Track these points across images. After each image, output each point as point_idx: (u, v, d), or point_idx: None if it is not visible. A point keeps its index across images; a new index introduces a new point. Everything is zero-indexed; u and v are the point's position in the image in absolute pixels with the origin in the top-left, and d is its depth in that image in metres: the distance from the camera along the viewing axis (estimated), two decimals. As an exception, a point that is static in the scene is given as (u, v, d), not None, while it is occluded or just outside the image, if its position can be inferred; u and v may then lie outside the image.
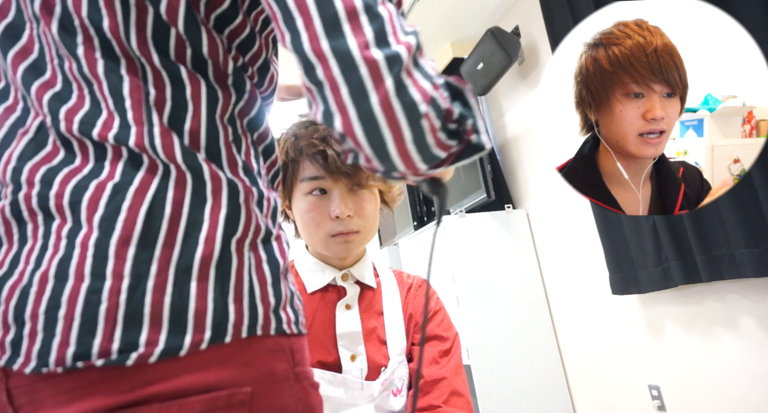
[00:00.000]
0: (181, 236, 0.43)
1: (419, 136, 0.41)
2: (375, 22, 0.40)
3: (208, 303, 0.42)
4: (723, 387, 1.85)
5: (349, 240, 0.84)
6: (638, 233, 2.05)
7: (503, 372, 2.49)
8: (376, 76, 0.39)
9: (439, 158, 0.43)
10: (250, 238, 0.46)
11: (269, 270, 0.47)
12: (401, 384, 0.88)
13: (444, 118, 0.42)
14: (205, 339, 0.42)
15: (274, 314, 0.46)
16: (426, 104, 0.40)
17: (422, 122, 0.40)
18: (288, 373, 0.46)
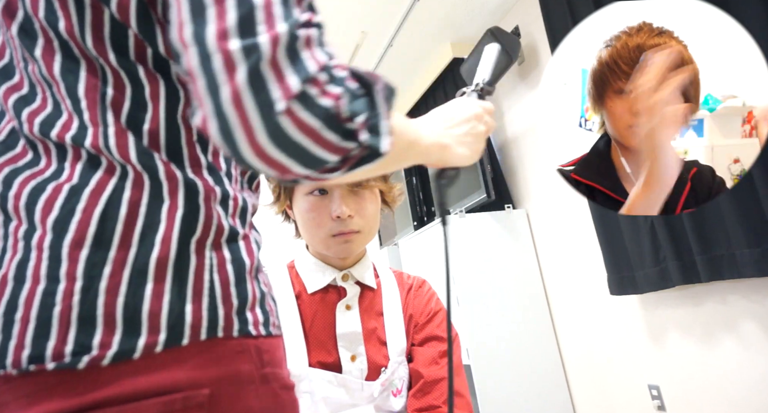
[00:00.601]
0: (137, 237, 0.42)
1: (280, 136, 0.36)
2: (242, 6, 0.37)
3: (163, 305, 0.42)
4: (723, 387, 1.85)
5: (350, 240, 0.84)
6: (636, 233, 2.05)
7: (503, 372, 2.49)
8: (229, 68, 0.36)
9: (327, 161, 0.39)
10: (212, 238, 0.45)
11: (233, 270, 0.46)
12: (401, 385, 0.88)
13: (330, 116, 0.37)
14: (160, 342, 0.41)
15: (237, 315, 0.46)
16: (286, 100, 0.36)
17: (280, 120, 0.36)
18: (253, 375, 0.45)
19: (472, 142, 0.60)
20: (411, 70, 3.44)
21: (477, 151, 0.61)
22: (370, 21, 2.82)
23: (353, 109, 0.38)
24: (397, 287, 0.96)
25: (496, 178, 2.81)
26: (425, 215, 3.48)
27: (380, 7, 2.70)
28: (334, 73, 0.38)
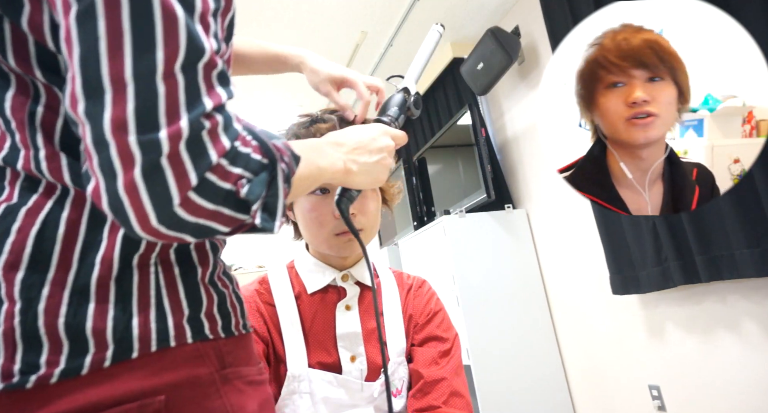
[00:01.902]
0: (77, 257, 0.42)
1: (175, 223, 0.38)
2: (143, 96, 0.35)
3: (107, 322, 0.42)
4: (723, 387, 1.85)
5: (353, 238, 0.84)
6: (638, 233, 2.05)
7: (503, 372, 2.49)
8: (125, 160, 0.35)
9: (220, 232, 0.41)
10: (157, 252, 0.45)
11: (182, 280, 0.47)
12: (401, 385, 0.88)
13: (228, 196, 0.39)
14: (108, 357, 0.42)
15: (190, 322, 0.46)
16: (184, 194, 0.36)
17: (177, 211, 0.37)
18: (213, 376, 0.46)
19: (377, 171, 0.63)
20: (411, 70, 3.43)
21: (380, 180, 0.65)
22: (370, 21, 2.82)
23: (251, 190, 0.40)
24: (396, 287, 0.96)
25: (496, 178, 2.81)
26: (425, 215, 3.48)
27: (380, 7, 2.70)
28: (238, 151, 0.39)
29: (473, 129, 2.81)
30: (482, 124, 2.84)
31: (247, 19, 2.62)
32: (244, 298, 0.85)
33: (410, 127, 3.90)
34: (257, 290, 0.88)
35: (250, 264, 4.16)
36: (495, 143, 3.06)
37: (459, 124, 2.97)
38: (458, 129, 2.99)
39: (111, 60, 0.35)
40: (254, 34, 2.76)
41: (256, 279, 0.91)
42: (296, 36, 2.85)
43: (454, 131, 3.04)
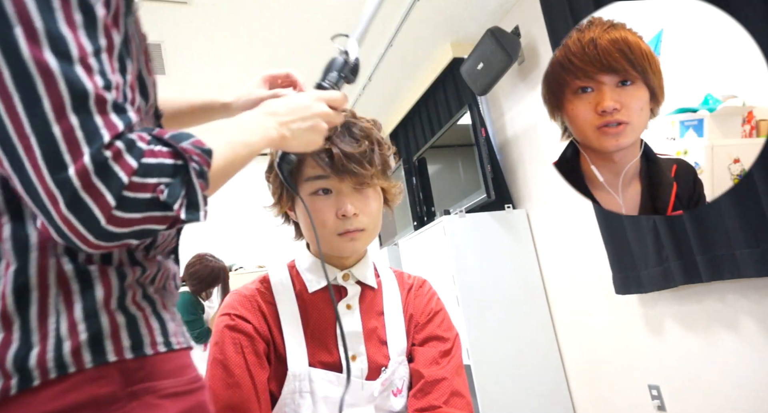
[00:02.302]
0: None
1: (111, 235, 0.44)
2: (44, 141, 0.41)
3: (8, 353, 0.45)
4: (723, 387, 1.85)
5: (355, 238, 0.84)
6: (639, 232, 2.05)
7: (503, 372, 2.50)
8: (51, 199, 0.42)
9: (158, 230, 0.47)
10: (54, 282, 0.48)
11: (83, 306, 0.49)
12: (401, 384, 0.88)
13: (152, 202, 0.45)
14: (12, 386, 0.45)
15: (90, 348, 0.48)
16: (107, 214, 0.43)
17: (108, 227, 0.43)
18: (117, 395, 0.48)
19: (311, 136, 0.69)
20: (411, 70, 3.44)
21: (314, 144, 0.70)
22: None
23: (170, 193, 0.46)
24: (397, 287, 0.96)
25: (496, 178, 2.81)
26: (425, 215, 3.48)
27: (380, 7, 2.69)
28: (146, 164, 0.45)
29: (473, 129, 2.81)
30: (482, 124, 2.85)
31: (247, 20, 2.63)
32: (245, 297, 0.86)
33: (410, 127, 3.90)
34: (258, 289, 0.88)
35: (250, 264, 4.16)
36: (495, 143, 3.06)
37: (459, 124, 2.97)
38: (458, 129, 2.99)
39: (11, 119, 0.41)
40: (254, 34, 2.76)
41: (257, 278, 0.91)
42: (296, 36, 2.85)
43: (454, 131, 3.04)
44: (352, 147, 0.80)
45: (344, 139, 0.81)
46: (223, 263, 3.00)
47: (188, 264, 2.93)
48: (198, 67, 3.01)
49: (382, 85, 3.55)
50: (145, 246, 0.58)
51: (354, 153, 0.79)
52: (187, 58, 2.90)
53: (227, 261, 3.15)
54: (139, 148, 0.45)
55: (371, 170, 0.81)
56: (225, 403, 0.77)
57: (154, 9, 2.42)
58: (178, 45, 2.77)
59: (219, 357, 0.80)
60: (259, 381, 0.80)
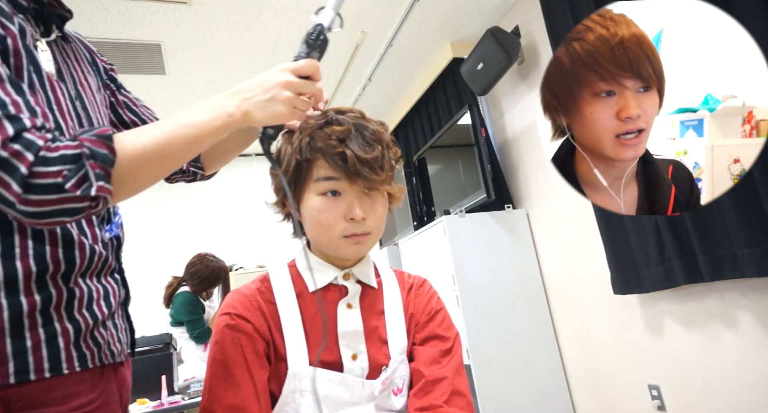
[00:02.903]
0: None
1: (35, 214, 0.56)
2: None
3: None
4: (723, 387, 1.85)
5: (361, 241, 0.84)
6: (641, 232, 2.05)
7: (503, 372, 2.50)
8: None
9: (82, 208, 0.57)
10: None
11: None
12: (402, 384, 0.88)
13: (59, 186, 0.55)
14: None
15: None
16: (18, 197, 0.54)
17: (25, 209, 0.55)
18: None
19: (274, 106, 0.71)
20: (411, 70, 3.44)
21: (280, 113, 0.71)
22: (370, 21, 2.82)
23: (70, 175, 0.56)
24: (398, 286, 0.96)
25: (496, 178, 2.81)
26: (425, 215, 3.48)
27: (380, 7, 2.70)
28: (47, 157, 0.55)
29: (473, 129, 2.81)
30: (482, 124, 2.85)
31: (247, 19, 2.63)
32: (245, 297, 0.86)
33: (410, 127, 3.90)
34: (258, 288, 0.88)
35: (251, 264, 4.17)
36: (495, 143, 3.06)
37: (459, 124, 2.98)
38: (458, 129, 2.99)
39: None
40: (254, 34, 2.76)
41: (258, 278, 0.91)
42: (296, 36, 2.85)
43: (454, 131, 3.04)
44: (365, 151, 0.80)
45: (358, 142, 0.81)
46: (223, 263, 3.00)
47: (189, 264, 2.93)
48: (198, 67, 3.01)
49: (382, 85, 3.55)
50: (61, 273, 0.65)
51: (367, 158, 0.79)
52: (187, 58, 2.90)
53: (228, 261, 3.15)
54: (37, 145, 0.56)
55: (382, 175, 0.81)
56: (225, 403, 0.77)
57: (154, 9, 2.42)
58: (178, 45, 2.77)
59: (219, 357, 0.80)
60: (260, 381, 0.80)
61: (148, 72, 2.94)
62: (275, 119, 0.72)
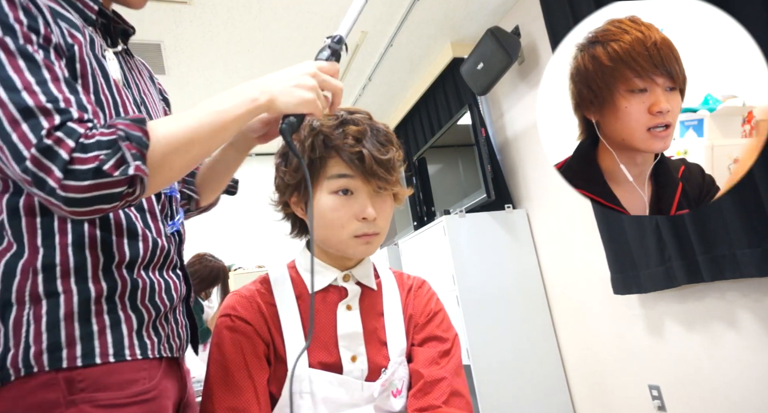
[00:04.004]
0: None
1: (75, 201, 0.57)
2: (8, 144, 0.57)
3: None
4: (723, 387, 1.85)
5: (370, 241, 0.84)
6: (640, 233, 2.05)
7: (503, 372, 2.50)
8: (25, 183, 0.57)
9: (120, 193, 0.59)
10: (28, 299, 0.62)
11: (47, 315, 0.63)
12: (401, 385, 0.88)
13: (98, 170, 0.57)
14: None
15: (49, 352, 0.61)
16: (59, 182, 0.56)
17: (66, 194, 0.56)
18: (58, 401, 0.60)
19: (298, 91, 0.71)
20: (411, 70, 3.44)
21: (305, 99, 0.71)
22: (370, 21, 2.82)
23: (107, 158, 0.58)
24: (397, 287, 0.96)
25: (496, 178, 2.81)
26: (425, 215, 3.48)
27: (380, 7, 2.70)
28: (85, 143, 0.57)
29: (473, 129, 2.81)
30: (482, 124, 2.85)
31: (247, 19, 2.63)
32: (245, 298, 0.86)
33: (410, 127, 3.90)
34: (258, 290, 0.88)
35: (250, 264, 4.16)
36: (495, 143, 3.06)
37: (459, 124, 2.97)
38: (458, 129, 2.99)
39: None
40: (254, 34, 2.76)
41: (257, 279, 0.91)
42: (296, 36, 2.85)
43: (454, 131, 3.04)
44: (380, 152, 0.81)
45: (373, 142, 0.81)
46: (222, 263, 3.00)
47: (188, 264, 2.93)
48: (198, 67, 3.01)
49: (382, 85, 3.55)
50: (126, 263, 0.69)
51: (382, 158, 0.81)
52: (187, 57, 2.90)
53: (227, 261, 3.15)
54: (78, 132, 0.58)
55: (395, 176, 0.83)
56: (225, 404, 0.77)
57: (154, 9, 2.42)
58: (178, 45, 2.77)
59: (219, 359, 0.80)
60: (259, 383, 0.79)
61: (147, 72, 2.94)
62: (300, 105, 0.71)
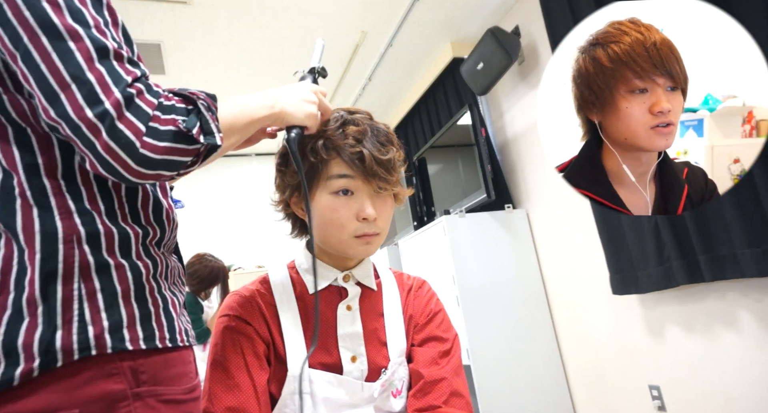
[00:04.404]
0: (13, 283, 0.53)
1: (147, 161, 0.52)
2: (84, 87, 0.51)
3: (35, 336, 0.51)
4: (723, 387, 1.85)
5: (371, 242, 0.84)
6: (639, 233, 2.05)
7: (503, 372, 2.50)
8: (93, 131, 0.51)
9: (186, 163, 0.56)
10: (78, 272, 0.54)
11: (103, 296, 0.55)
12: (401, 385, 0.88)
13: (176, 134, 0.54)
14: (35, 367, 0.50)
15: (111, 334, 0.54)
16: (141, 138, 0.52)
17: (143, 152, 0.52)
18: (126, 393, 0.53)
19: (305, 106, 0.76)
20: (411, 70, 3.44)
21: (310, 114, 0.76)
22: (370, 21, 2.82)
23: (188, 125, 0.55)
24: (397, 288, 0.96)
25: (496, 178, 2.81)
26: (425, 215, 3.48)
27: (380, 7, 2.70)
28: (164, 104, 0.55)
29: (473, 129, 2.81)
30: (482, 124, 2.84)
31: (247, 19, 2.63)
32: (245, 298, 0.86)
33: (410, 127, 3.90)
34: (258, 290, 0.88)
35: (250, 264, 4.16)
36: (495, 143, 3.06)
37: (459, 124, 2.97)
38: (458, 129, 2.99)
39: (53, 74, 0.51)
40: (254, 34, 2.76)
41: (257, 279, 0.91)
42: (296, 36, 2.85)
43: (454, 131, 3.04)
44: (381, 152, 0.81)
45: (373, 142, 0.82)
46: (222, 263, 3.00)
47: (188, 264, 2.93)
48: (198, 67, 3.01)
49: (382, 85, 3.55)
50: (156, 240, 0.63)
51: (383, 159, 0.81)
52: (187, 57, 2.90)
53: (227, 261, 3.15)
54: (156, 90, 0.56)
55: (395, 176, 0.83)
56: (225, 405, 0.77)
57: (154, 9, 2.42)
58: (177, 45, 2.77)
59: (219, 359, 0.80)
60: (259, 383, 0.79)
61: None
62: (306, 118, 0.76)
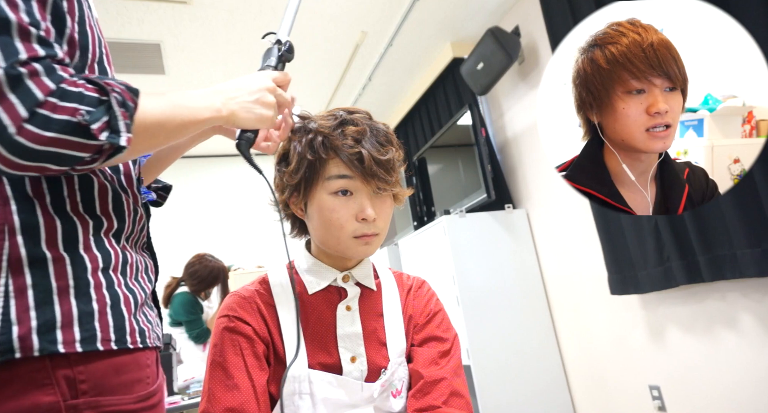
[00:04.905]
0: None
1: (21, 150, 0.46)
2: None
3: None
4: (724, 387, 1.85)
5: (370, 242, 0.83)
6: (639, 233, 2.05)
7: (503, 372, 2.49)
8: None
9: (80, 158, 0.49)
10: (6, 266, 0.50)
11: (34, 293, 0.50)
12: (401, 386, 0.88)
13: (71, 125, 0.48)
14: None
15: (40, 335, 0.49)
16: (17, 123, 0.45)
17: (17, 139, 0.45)
18: (58, 406, 0.48)
19: (258, 109, 0.69)
20: (411, 70, 3.44)
21: (264, 117, 0.70)
22: (370, 21, 2.82)
23: (91, 118, 0.48)
24: (396, 288, 0.96)
25: (496, 178, 2.81)
26: (425, 215, 3.48)
27: (380, 7, 2.70)
28: (67, 90, 0.48)
29: (473, 129, 2.81)
30: (482, 124, 2.84)
31: (247, 19, 2.62)
32: (244, 299, 0.86)
33: (410, 127, 3.90)
34: (257, 290, 0.88)
35: (250, 264, 4.16)
36: (495, 143, 3.06)
37: (459, 124, 2.97)
38: (458, 129, 2.99)
39: None
40: (254, 34, 2.76)
41: (256, 280, 0.91)
42: (296, 36, 2.84)
43: (454, 131, 3.04)
44: (380, 152, 0.81)
45: (372, 143, 0.81)
46: (222, 263, 3.00)
47: (188, 264, 2.93)
48: (198, 67, 3.01)
49: (382, 85, 3.55)
50: (113, 231, 0.59)
51: (382, 159, 0.80)
52: (187, 57, 2.90)
53: (226, 261, 3.15)
54: (60, 75, 0.49)
55: (394, 176, 0.83)
56: (224, 405, 0.77)
57: (154, 8, 2.42)
58: (177, 45, 2.76)
59: (218, 359, 0.80)
60: (259, 384, 0.79)
61: (147, 72, 2.94)
62: (260, 122, 0.70)
